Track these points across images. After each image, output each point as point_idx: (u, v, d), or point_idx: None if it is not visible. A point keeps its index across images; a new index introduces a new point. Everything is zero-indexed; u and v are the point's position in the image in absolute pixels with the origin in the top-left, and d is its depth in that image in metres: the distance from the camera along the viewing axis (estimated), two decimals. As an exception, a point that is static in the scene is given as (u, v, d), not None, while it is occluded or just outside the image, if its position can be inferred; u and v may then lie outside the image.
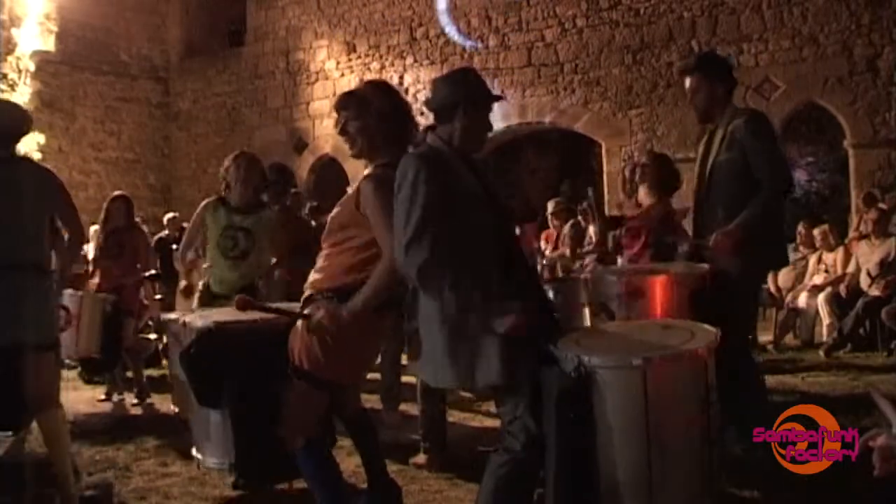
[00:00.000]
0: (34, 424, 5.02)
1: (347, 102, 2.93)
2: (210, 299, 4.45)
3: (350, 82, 12.58)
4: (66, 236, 3.66)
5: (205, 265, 4.69)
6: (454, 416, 5.03)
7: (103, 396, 6.34)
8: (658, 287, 3.62)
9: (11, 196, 3.30)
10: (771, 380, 5.00)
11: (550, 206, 7.86)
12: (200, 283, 4.65)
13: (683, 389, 2.49)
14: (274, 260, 4.91)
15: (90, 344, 5.61)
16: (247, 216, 4.46)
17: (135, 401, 6.10)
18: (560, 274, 6.34)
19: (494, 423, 4.88)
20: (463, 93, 2.62)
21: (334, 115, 3.03)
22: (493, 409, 5.15)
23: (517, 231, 4.47)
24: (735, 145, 3.58)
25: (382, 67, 12.46)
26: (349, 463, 4.10)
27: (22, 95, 12.11)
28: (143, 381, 6.26)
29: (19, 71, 12.15)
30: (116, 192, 6.78)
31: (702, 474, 2.51)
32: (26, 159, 3.79)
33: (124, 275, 6.22)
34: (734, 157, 3.57)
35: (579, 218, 6.64)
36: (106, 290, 6.02)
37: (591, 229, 6.67)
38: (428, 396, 4.09)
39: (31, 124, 3.69)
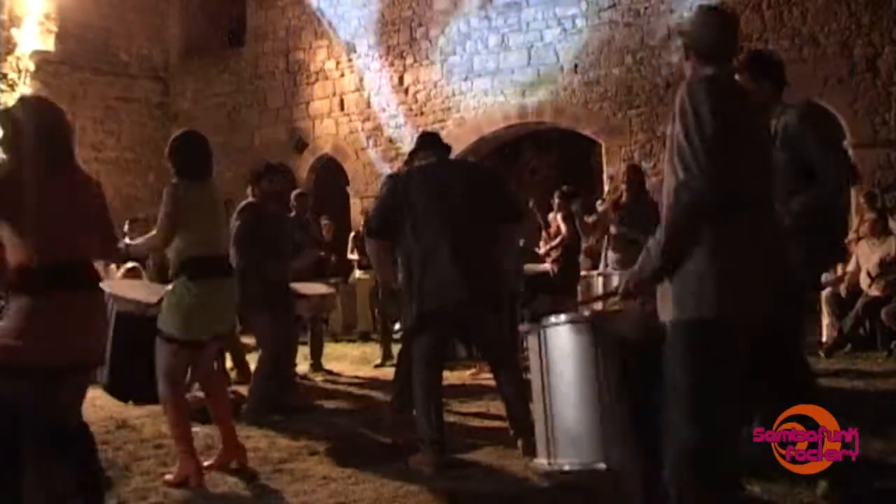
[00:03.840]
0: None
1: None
2: None
3: (350, 82, 12.58)
4: None
5: None
6: (454, 415, 5.03)
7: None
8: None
9: None
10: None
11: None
12: None
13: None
14: None
15: None
16: None
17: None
18: None
19: (494, 423, 4.89)
20: None
21: (335, 115, 3.03)
22: (492, 408, 5.17)
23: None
24: (787, 142, 3.42)
25: (382, 67, 12.44)
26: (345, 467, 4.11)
27: (22, 95, 12.12)
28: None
29: (19, 71, 12.14)
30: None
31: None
32: None
33: None
34: (788, 156, 3.39)
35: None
36: None
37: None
38: (427, 395, 4.08)
39: None
